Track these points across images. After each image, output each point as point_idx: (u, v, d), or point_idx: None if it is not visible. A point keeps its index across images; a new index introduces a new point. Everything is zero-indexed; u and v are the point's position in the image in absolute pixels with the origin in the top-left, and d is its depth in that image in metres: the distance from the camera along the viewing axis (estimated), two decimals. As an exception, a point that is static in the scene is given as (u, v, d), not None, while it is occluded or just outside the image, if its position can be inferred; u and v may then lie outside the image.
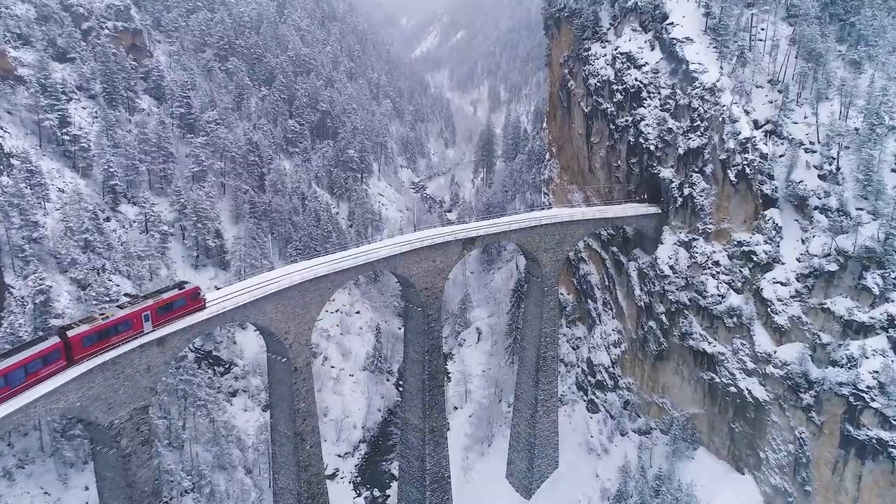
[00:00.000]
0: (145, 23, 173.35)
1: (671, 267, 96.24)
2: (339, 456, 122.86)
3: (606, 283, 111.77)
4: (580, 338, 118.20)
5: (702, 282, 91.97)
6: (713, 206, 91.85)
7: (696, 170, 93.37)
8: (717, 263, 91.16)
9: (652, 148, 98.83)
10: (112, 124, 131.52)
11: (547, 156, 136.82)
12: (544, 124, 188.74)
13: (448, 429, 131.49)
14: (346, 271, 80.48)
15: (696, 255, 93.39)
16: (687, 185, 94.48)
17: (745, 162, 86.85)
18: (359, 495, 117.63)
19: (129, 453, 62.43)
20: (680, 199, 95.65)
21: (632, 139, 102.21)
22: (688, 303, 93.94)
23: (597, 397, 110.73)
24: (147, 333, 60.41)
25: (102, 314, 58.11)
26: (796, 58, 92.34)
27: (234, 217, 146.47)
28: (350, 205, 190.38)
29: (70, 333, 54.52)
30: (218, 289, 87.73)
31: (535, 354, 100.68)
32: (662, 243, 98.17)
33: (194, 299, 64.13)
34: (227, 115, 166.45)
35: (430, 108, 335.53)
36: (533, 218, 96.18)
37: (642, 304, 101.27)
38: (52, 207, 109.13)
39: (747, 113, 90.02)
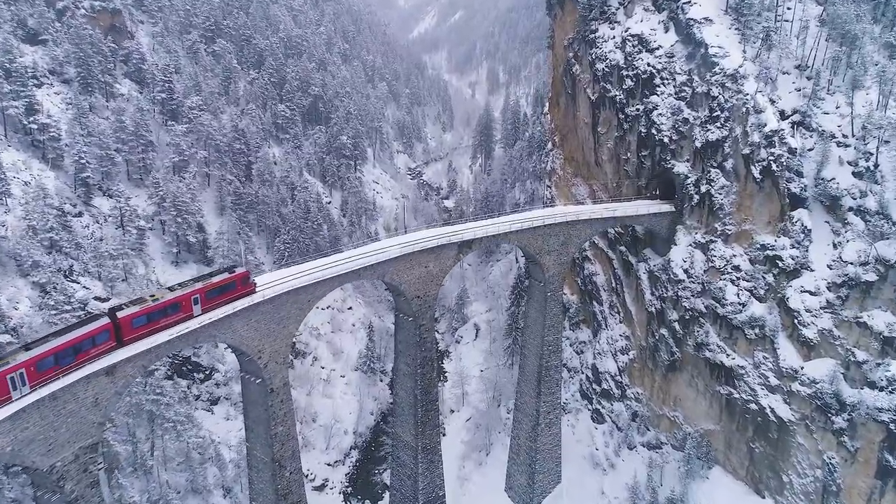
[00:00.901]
0: (126, 2, 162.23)
1: (686, 271, 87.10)
2: (328, 465, 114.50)
3: (613, 284, 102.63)
4: (584, 342, 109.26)
5: (720, 288, 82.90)
6: (733, 206, 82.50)
7: (715, 165, 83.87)
8: (737, 268, 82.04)
9: (665, 140, 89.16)
10: (85, 111, 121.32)
11: (549, 145, 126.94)
12: (545, 109, 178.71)
13: (444, 434, 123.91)
14: (328, 281, 71.35)
15: (713, 258, 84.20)
16: (704, 182, 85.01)
17: (771, 157, 77.37)
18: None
19: (74, 499, 53.78)
20: (696, 197, 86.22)
21: (643, 130, 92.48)
22: (704, 310, 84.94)
23: (602, 407, 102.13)
24: (196, 317, 59.40)
25: (152, 296, 57.46)
26: (827, 41, 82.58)
27: (218, 209, 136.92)
28: (343, 194, 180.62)
29: (120, 314, 54.03)
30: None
31: (536, 364, 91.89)
32: (676, 244, 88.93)
33: (244, 283, 62.92)
34: (213, 101, 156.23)
35: (428, 90, 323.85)
36: (535, 217, 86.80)
37: (653, 309, 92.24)
38: (17, 203, 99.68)
39: (773, 102, 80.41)
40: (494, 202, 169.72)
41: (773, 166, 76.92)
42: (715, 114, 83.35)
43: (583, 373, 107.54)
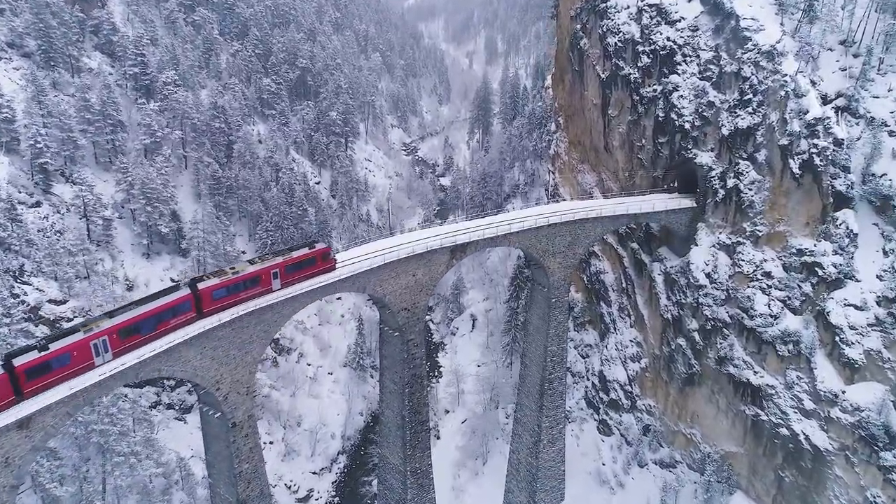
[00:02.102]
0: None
1: (708, 275, 75.97)
2: (313, 473, 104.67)
3: (624, 284, 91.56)
4: (590, 345, 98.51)
5: (748, 297, 71.87)
6: (766, 203, 70.99)
7: (745, 156, 72.14)
8: (768, 275, 70.89)
9: (687, 126, 77.17)
10: (45, 89, 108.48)
11: (552, 126, 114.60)
12: (546, 83, 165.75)
13: (437, 437, 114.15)
14: (300, 297, 60.27)
15: (741, 262, 73.01)
16: (731, 175, 73.38)
17: (813, 149, 65.66)
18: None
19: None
20: (721, 192, 74.63)
21: (661, 114, 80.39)
22: (729, 321, 74.04)
23: (610, 418, 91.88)
24: (275, 291, 57.56)
25: (233, 268, 56.61)
26: (878, 12, 70.20)
27: (196, 195, 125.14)
28: (333, 173, 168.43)
29: (201, 285, 53.20)
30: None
31: (539, 376, 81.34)
32: (697, 244, 77.60)
33: (325, 259, 60.36)
34: (192, 75, 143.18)
35: (423, 61, 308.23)
36: (538, 215, 75.30)
37: (669, 316, 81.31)
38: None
39: (814, 84, 68.41)
40: (492, 183, 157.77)
41: (816, 160, 65.25)
42: (746, 97, 71.29)
43: (589, 379, 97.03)
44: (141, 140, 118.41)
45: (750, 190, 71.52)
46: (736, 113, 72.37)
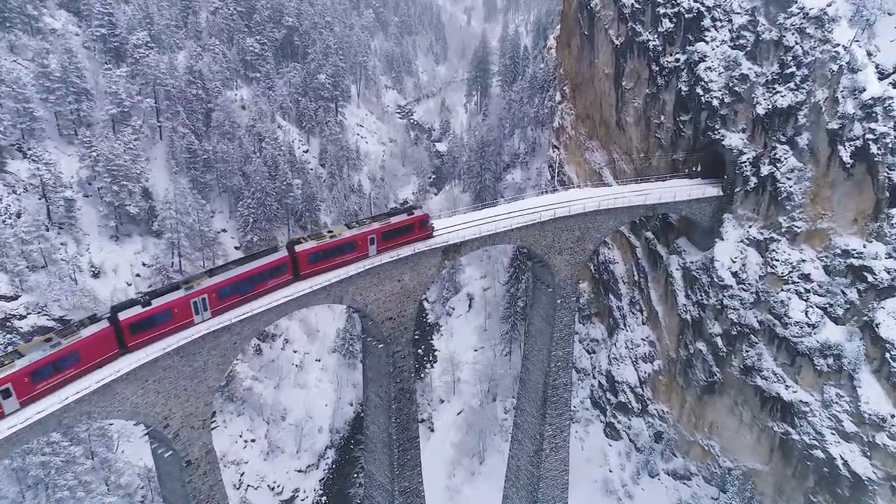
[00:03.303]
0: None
1: (735, 274, 65.99)
2: (299, 472, 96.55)
3: (636, 277, 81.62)
4: (597, 340, 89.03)
5: (782, 301, 62.05)
6: (806, 195, 60.53)
7: (784, 139, 61.32)
8: (807, 277, 60.95)
9: (714, 102, 65.99)
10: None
11: (557, 97, 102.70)
12: (548, 42, 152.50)
13: (432, 430, 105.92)
14: (265, 314, 50.36)
15: (774, 261, 62.94)
16: (766, 161, 62.68)
17: (869, 134, 54.93)
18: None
19: None
20: (754, 180, 64.04)
21: (684, 88, 69.05)
22: (758, 327, 64.40)
23: (618, 421, 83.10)
24: (371, 257, 55.17)
25: (330, 232, 54.89)
26: (948, -32, 58.45)
27: (171, 170, 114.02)
28: (322, 141, 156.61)
29: (298, 248, 51.90)
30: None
31: (541, 381, 72.10)
32: (723, 238, 67.36)
33: (422, 227, 57.64)
34: (168, 36, 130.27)
35: (419, 18, 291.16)
36: (542, 206, 64.76)
37: (688, 317, 71.64)
38: None
39: (870, 56, 57.19)
40: (491, 153, 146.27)
41: (873, 147, 54.56)
42: (788, 70, 60.06)
43: (595, 378, 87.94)
44: (107, 110, 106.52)
45: (788, 179, 60.96)
46: (774, 89, 61.22)
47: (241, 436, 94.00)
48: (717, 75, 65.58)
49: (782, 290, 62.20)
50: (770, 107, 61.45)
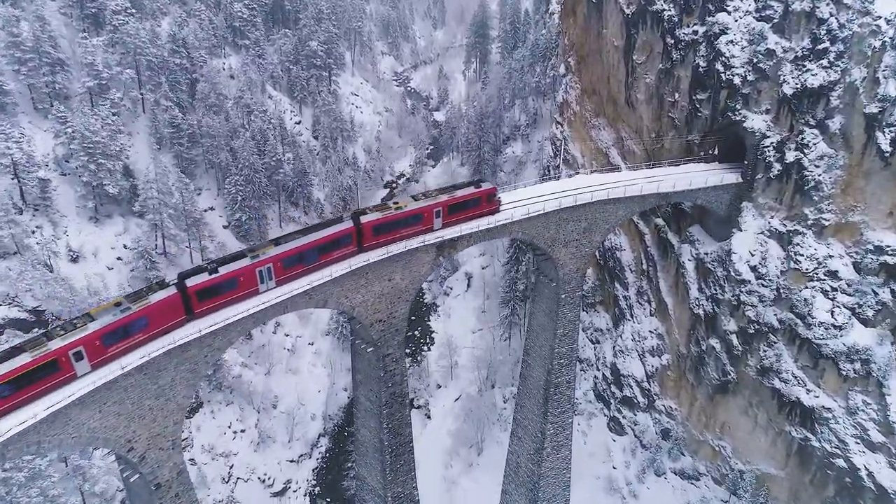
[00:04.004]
0: None
1: (753, 268, 60.52)
2: (291, 462, 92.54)
3: (645, 266, 76.13)
4: (601, 330, 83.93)
5: (805, 300, 56.76)
6: (837, 185, 54.73)
7: (813, 122, 55.20)
8: (834, 275, 55.55)
9: (736, 80, 59.56)
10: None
11: (562, 69, 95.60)
12: (550, 7, 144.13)
13: (428, 417, 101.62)
14: (241, 322, 45.04)
15: (798, 256, 57.44)
16: (792, 146, 56.64)
17: (912, 121, 48.88)
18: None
19: None
20: (778, 167, 58.09)
21: (701, 63, 62.49)
22: (777, 326, 59.20)
23: (623, 416, 78.53)
24: (436, 231, 53.03)
25: (396, 203, 52.88)
26: None
27: (155, 145, 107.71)
28: (315, 111, 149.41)
29: (364, 219, 50.14)
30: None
31: (543, 379, 67.26)
32: (741, 229, 61.70)
33: (489, 201, 55.30)
34: (150, 1, 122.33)
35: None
36: (544, 195, 58.98)
37: (701, 312, 66.40)
38: None
39: (914, 30, 50.70)
40: (490, 125, 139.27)
41: (916, 135, 48.63)
42: (821, 46, 53.62)
43: (599, 369, 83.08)
44: (84, 82, 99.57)
45: (817, 167, 55.07)
46: (804, 66, 54.86)
47: (230, 426, 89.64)
48: (739, 50, 59.04)
49: (806, 287, 56.85)
50: (798, 86, 55.17)
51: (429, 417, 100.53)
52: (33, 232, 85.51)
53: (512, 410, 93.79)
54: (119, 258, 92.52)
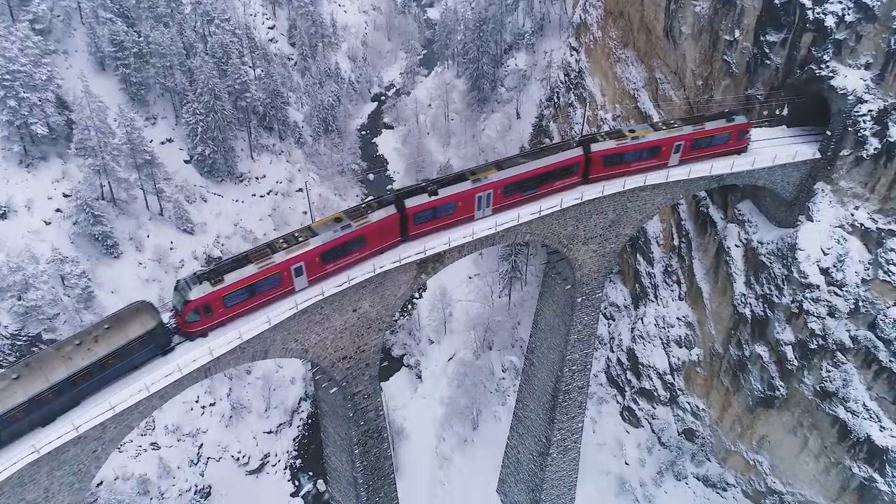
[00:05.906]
0: None
1: (825, 270, 46.39)
2: (268, 433, 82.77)
3: (676, 241, 61.55)
4: (618, 306, 70.47)
5: (894, 320, 43.27)
6: (959, 176, 39.63)
7: (936, 89, 39.19)
8: (937, 293, 41.69)
9: (829, 20, 42.64)
10: None
11: (580, -21, 75.89)
12: None
13: (420, 379, 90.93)
14: (148, 400, 31.76)
15: (889, 263, 43.27)
16: (900, 118, 40.91)
17: None
18: (297, 490, 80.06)
19: None
20: (875, 143, 42.54)
21: (778, -8, 45.10)
22: (850, 345, 46.00)
23: (639, 407, 67.05)
24: (671, 167, 45.54)
25: (632, 132, 45.47)
26: None
27: (96, 68, 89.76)
28: (290, 13, 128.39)
29: (594, 147, 44.04)
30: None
31: (551, 386, 55.18)
32: (812, 218, 46.94)
33: (739, 139, 46.49)
34: None
35: None
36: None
37: (748, 311, 52.92)
38: None
39: None
40: (490, 31, 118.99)
41: None
42: (967, -20, 36.55)
43: (613, 351, 70.65)
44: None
45: (933, 150, 39.65)
46: (935, 7, 38.00)
47: (196, 400, 78.78)
48: (837, -21, 41.63)
49: (896, 304, 43.13)
50: (923, 36, 38.58)
51: (420, 379, 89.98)
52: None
53: (511, 382, 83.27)
54: (58, 209, 77.34)
